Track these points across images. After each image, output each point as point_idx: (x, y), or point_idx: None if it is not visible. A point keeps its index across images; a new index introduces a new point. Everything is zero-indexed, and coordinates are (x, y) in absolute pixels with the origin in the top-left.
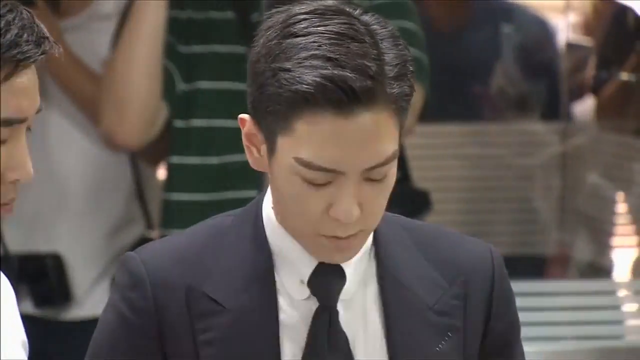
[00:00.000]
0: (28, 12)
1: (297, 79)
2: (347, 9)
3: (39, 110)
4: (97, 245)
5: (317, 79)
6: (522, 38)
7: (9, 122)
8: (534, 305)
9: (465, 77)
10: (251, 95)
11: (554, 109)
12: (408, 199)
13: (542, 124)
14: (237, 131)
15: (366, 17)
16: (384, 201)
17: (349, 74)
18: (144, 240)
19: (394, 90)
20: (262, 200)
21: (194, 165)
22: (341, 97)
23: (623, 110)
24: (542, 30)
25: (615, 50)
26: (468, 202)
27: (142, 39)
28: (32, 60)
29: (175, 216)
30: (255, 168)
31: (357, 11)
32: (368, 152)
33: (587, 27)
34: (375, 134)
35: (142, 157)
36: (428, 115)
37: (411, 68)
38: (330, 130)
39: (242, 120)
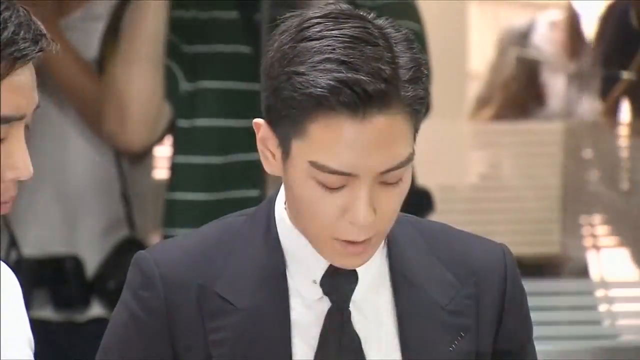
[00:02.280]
0: (25, 9)
1: (311, 82)
2: (361, 13)
3: (37, 107)
4: (92, 244)
5: (331, 82)
6: None
7: (7, 120)
8: (535, 305)
9: None
10: (265, 100)
11: None
12: (410, 199)
13: (544, 123)
14: (241, 131)
15: (380, 21)
16: (398, 205)
17: (363, 77)
18: (128, 241)
19: (408, 94)
20: (275, 200)
21: (198, 165)
22: (355, 100)
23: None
24: None
25: (619, 52)
26: (469, 201)
27: (142, 40)
28: (29, 58)
29: (179, 215)
30: (270, 172)
31: (371, 15)
32: (382, 156)
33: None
34: (389, 137)
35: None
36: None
37: (426, 71)
38: (344, 133)
39: (257, 124)
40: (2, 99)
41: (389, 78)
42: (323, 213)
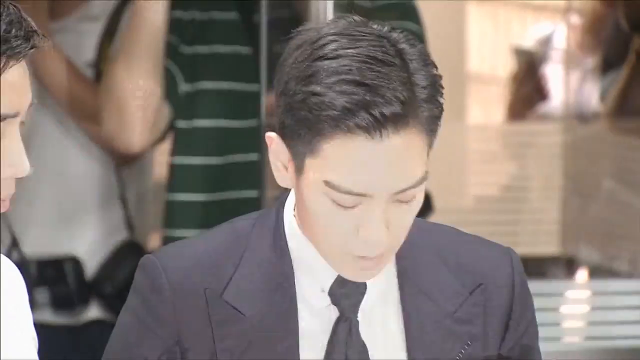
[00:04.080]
0: (15, 6)
1: (328, 104)
2: (375, 26)
3: (31, 104)
4: (92, 247)
5: (348, 105)
6: None
7: (1, 118)
8: (538, 306)
9: None
10: (280, 115)
11: None
12: None
13: (544, 123)
14: (240, 131)
15: (394, 35)
16: (411, 221)
17: (379, 100)
18: (127, 244)
19: (425, 113)
20: (283, 205)
21: (197, 166)
22: (372, 122)
23: (628, 110)
24: None
25: (616, 52)
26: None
27: (142, 42)
28: (21, 55)
29: (178, 216)
30: (282, 184)
31: (385, 29)
32: (397, 176)
33: (587, 30)
34: (404, 157)
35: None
36: None
37: (441, 89)
38: (359, 154)
39: (270, 138)
40: None
41: (405, 100)
42: (337, 230)
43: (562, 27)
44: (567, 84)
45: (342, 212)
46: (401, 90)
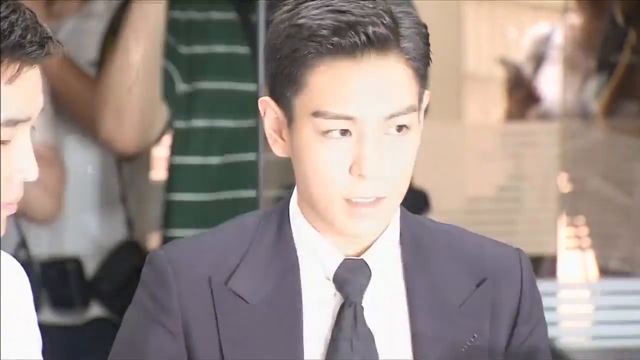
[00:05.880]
0: (31, 12)
1: (310, 28)
2: None
3: (42, 109)
4: (92, 246)
5: (331, 25)
6: None
7: (13, 122)
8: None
9: None
10: (268, 68)
11: None
12: (407, 199)
13: (541, 122)
14: (238, 131)
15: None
16: (408, 162)
17: (362, 20)
18: (127, 244)
19: (407, 44)
20: (289, 200)
21: (195, 166)
22: (355, 40)
23: (622, 109)
24: None
25: (612, 50)
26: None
27: (140, 42)
28: (36, 61)
29: (177, 216)
30: (280, 154)
31: None
32: (384, 99)
33: (584, 28)
34: (390, 81)
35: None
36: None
37: (425, 31)
38: (343, 76)
39: (263, 101)
40: (9, 102)
41: (387, 24)
42: (331, 171)
43: (559, 26)
44: (564, 84)
45: (334, 149)
46: (383, 15)
